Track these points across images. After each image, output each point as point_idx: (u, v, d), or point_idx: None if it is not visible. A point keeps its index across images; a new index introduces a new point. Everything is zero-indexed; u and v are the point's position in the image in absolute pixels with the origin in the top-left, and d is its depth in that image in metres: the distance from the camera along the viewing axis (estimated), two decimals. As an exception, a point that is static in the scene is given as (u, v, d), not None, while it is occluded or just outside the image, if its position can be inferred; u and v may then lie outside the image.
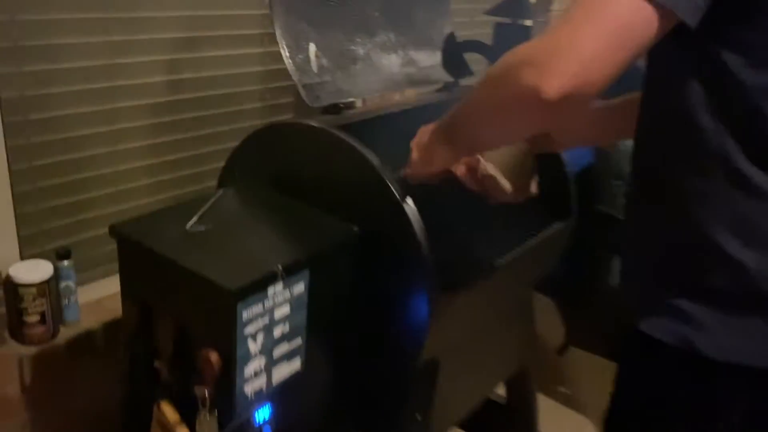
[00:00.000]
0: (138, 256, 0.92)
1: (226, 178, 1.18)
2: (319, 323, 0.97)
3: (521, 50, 0.69)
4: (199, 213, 0.97)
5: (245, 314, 0.83)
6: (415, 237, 0.96)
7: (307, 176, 1.07)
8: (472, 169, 0.95)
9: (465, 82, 1.45)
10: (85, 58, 1.29)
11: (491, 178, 0.95)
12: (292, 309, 0.91)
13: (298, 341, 0.94)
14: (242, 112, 1.60)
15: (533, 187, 1.04)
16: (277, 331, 0.90)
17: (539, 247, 1.27)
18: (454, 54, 1.41)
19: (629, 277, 0.86)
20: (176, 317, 0.90)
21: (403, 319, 1.02)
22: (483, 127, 0.81)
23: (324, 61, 1.10)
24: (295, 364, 0.95)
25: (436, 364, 1.13)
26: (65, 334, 1.25)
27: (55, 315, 1.22)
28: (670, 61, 0.73)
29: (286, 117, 1.70)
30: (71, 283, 1.23)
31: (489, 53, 1.52)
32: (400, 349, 1.04)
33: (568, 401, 2.02)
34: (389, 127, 1.18)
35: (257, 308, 0.85)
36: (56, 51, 1.25)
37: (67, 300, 1.24)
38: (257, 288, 0.84)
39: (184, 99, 1.48)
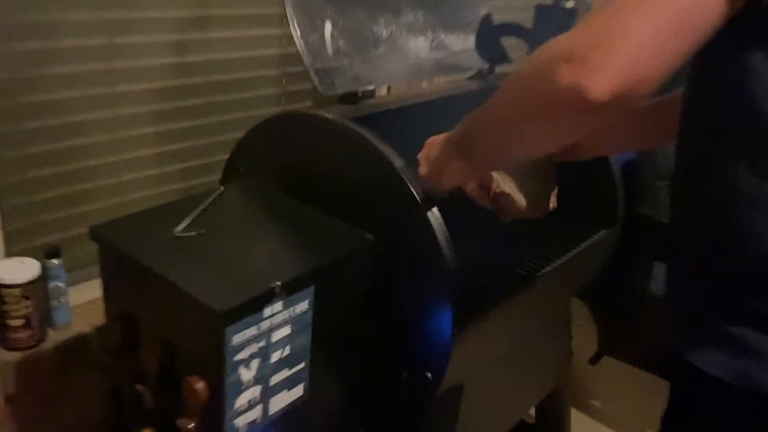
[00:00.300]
0: (120, 263, 0.81)
1: (230, 173, 1.05)
2: (326, 344, 0.85)
3: (555, 44, 0.58)
4: (193, 215, 0.85)
5: (236, 339, 0.71)
6: (439, 251, 0.83)
7: (319, 174, 0.94)
8: (484, 186, 0.84)
9: (501, 69, 1.30)
10: (82, 36, 1.18)
11: (506, 195, 0.84)
12: (293, 330, 0.78)
13: (301, 366, 0.82)
14: (256, 98, 1.48)
15: (552, 202, 0.93)
16: (276, 356, 0.78)
17: (581, 256, 1.13)
18: (489, 38, 1.26)
19: (675, 297, 0.74)
20: (162, 336, 0.78)
21: (422, 340, 0.89)
22: (509, 138, 0.68)
23: (341, 43, 0.97)
24: (297, 392, 0.83)
25: (460, 389, 1.00)
26: (54, 338, 1.15)
27: (43, 318, 1.11)
28: (731, 44, 0.61)
29: (304, 105, 1.57)
30: (61, 284, 1.13)
31: (528, 37, 1.37)
32: (419, 373, 0.91)
33: (600, 415, 1.89)
34: (414, 120, 1.05)
35: (251, 331, 0.72)
36: (50, 28, 1.13)
37: (56, 302, 1.13)
38: (251, 309, 0.71)
39: (192, 84, 1.36)
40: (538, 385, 1.29)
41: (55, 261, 1.11)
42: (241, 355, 0.73)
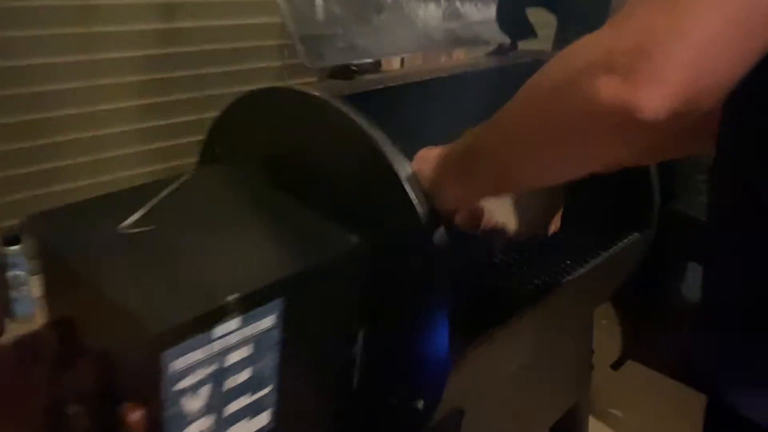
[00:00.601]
0: (54, 263, 0.68)
1: (206, 155, 0.92)
2: (301, 364, 0.72)
3: (588, 46, 0.48)
4: (147, 206, 0.72)
5: (177, 364, 0.58)
6: (438, 268, 0.69)
7: (304, 161, 0.81)
8: (474, 218, 0.74)
9: (525, 45, 1.14)
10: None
11: (498, 227, 0.76)
12: (256, 351, 0.65)
13: (266, 390, 0.69)
14: (254, 71, 1.35)
15: (555, 223, 0.84)
16: (233, 381, 0.65)
17: (608, 263, 0.99)
18: (513, 8, 1.10)
19: (711, 322, 0.62)
20: (101, 350, 0.66)
21: (414, 362, 0.76)
22: (526, 162, 0.56)
23: (335, 8, 0.83)
24: (262, 420, 0.70)
25: (460, 415, 0.87)
26: (15, 331, 1.04)
27: (1, 309, 1.01)
28: None
29: (307, 80, 1.43)
30: (21, 272, 1.02)
31: (560, 9, 1.20)
32: (410, 399, 0.78)
33: (620, 426, 1.76)
34: (420, 100, 0.90)
35: (197, 355, 0.60)
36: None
37: (16, 292, 1.02)
38: (196, 328, 0.58)
39: (181, 52, 1.23)
40: (553, 404, 1.15)
41: (14, 248, 1.00)
42: (185, 383, 0.60)
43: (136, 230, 0.68)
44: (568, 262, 0.93)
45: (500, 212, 0.75)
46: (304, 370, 0.73)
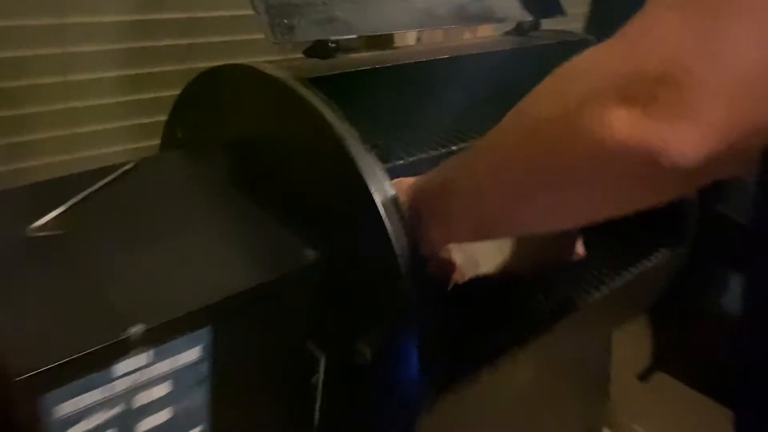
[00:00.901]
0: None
1: (168, 138, 0.81)
2: (242, 400, 0.61)
3: (594, 68, 0.38)
4: (67, 204, 0.61)
5: (65, 408, 0.48)
6: (406, 284, 0.57)
7: (265, 152, 0.69)
8: (443, 272, 0.63)
9: (550, 25, 0.99)
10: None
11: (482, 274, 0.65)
12: (177, 387, 0.54)
13: (197, 430, 0.58)
14: (252, 42, 1.22)
15: (578, 248, 0.73)
16: (149, 423, 0.54)
17: (629, 286, 0.85)
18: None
19: (751, 334, 0.52)
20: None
21: (376, 399, 0.64)
22: (517, 208, 0.45)
23: (312, -28, 0.69)
24: (191, 464, 0.59)
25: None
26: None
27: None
28: None
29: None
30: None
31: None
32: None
33: (643, 443, 1.63)
34: (411, 87, 0.77)
35: (94, 396, 0.49)
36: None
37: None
38: (89, 366, 0.47)
39: (168, 19, 1.12)
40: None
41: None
42: (78, 429, 0.49)
43: (44, 234, 0.56)
44: (583, 284, 0.80)
45: (486, 254, 0.63)
46: (248, 406, 0.62)
